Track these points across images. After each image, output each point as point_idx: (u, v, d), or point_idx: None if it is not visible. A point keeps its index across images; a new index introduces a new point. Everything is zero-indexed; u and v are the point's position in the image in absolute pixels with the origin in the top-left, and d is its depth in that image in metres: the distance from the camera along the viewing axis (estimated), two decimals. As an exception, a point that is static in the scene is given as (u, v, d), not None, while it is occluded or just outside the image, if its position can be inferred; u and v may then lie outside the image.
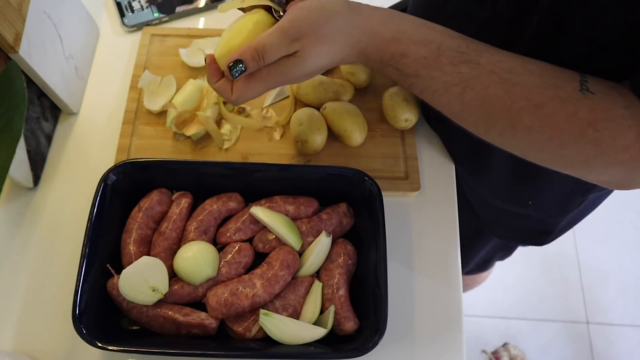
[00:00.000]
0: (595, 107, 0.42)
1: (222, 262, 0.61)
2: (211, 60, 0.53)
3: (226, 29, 0.53)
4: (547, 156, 0.46)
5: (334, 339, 0.59)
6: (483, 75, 0.45)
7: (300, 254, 0.63)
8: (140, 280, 0.56)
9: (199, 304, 0.60)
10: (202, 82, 0.74)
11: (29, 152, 0.67)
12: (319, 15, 0.47)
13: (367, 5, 0.50)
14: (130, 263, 0.59)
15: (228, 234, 0.63)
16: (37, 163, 0.70)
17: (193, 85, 0.73)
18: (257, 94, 0.51)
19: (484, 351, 1.53)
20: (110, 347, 0.53)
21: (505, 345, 1.53)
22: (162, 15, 0.84)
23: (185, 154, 0.71)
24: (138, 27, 0.82)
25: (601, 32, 0.44)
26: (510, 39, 0.52)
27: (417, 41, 0.47)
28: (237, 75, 0.49)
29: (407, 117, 0.70)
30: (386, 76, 0.51)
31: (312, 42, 0.47)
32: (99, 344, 0.53)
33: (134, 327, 0.60)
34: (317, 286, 0.60)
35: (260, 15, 0.53)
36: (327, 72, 0.77)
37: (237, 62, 0.48)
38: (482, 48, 0.47)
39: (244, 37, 0.52)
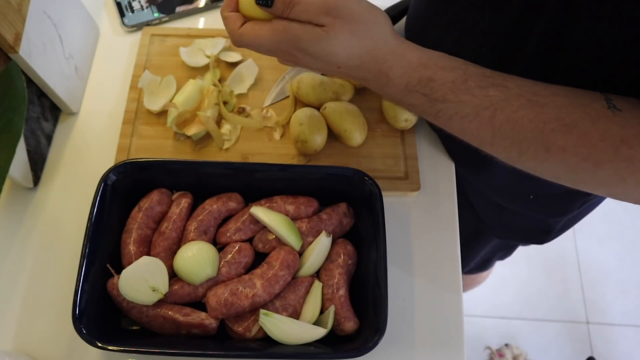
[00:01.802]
0: (626, 124, 0.42)
1: (222, 262, 0.61)
2: None
3: None
4: (582, 177, 0.45)
5: (334, 339, 0.59)
6: (512, 98, 0.45)
7: (300, 254, 0.63)
8: (140, 280, 0.56)
9: (199, 304, 0.60)
10: (203, 82, 0.74)
11: (29, 152, 0.67)
12: (366, 13, 0.46)
13: (399, 36, 0.49)
14: (130, 263, 0.59)
15: (228, 234, 0.63)
16: (37, 163, 0.70)
17: (193, 85, 0.73)
18: (261, 42, 0.48)
19: (488, 347, 1.53)
20: (110, 347, 0.53)
21: (507, 345, 1.53)
22: (162, 15, 0.84)
23: (185, 154, 0.71)
24: (138, 27, 0.82)
25: (604, 44, 0.44)
26: (512, 49, 0.52)
27: (443, 67, 0.47)
28: (260, 2, 0.47)
29: (407, 117, 0.70)
30: (407, 107, 0.50)
31: (342, 27, 0.45)
32: (99, 344, 0.53)
33: (134, 327, 0.60)
34: (317, 286, 0.60)
35: None
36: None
37: None
38: (506, 75, 0.46)
39: None
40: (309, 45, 0.46)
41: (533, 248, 1.33)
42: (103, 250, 0.59)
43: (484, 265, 1.11)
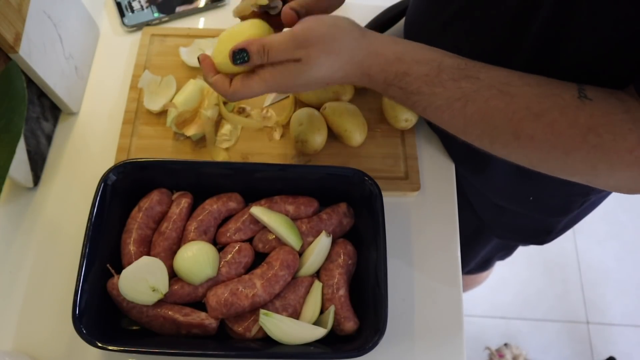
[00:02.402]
0: (595, 113, 0.43)
1: (222, 262, 0.61)
2: (204, 57, 0.53)
3: (224, 31, 0.54)
4: (553, 164, 0.47)
5: (334, 339, 0.59)
6: (483, 89, 0.47)
7: (300, 254, 0.63)
8: (140, 280, 0.56)
9: (199, 304, 0.60)
10: (203, 82, 0.74)
11: (29, 152, 0.67)
12: (331, 29, 0.49)
13: (371, 31, 0.51)
14: (130, 263, 0.59)
15: (228, 234, 0.63)
16: (37, 163, 0.70)
17: (194, 85, 0.73)
18: (254, 92, 0.51)
19: (487, 348, 1.53)
20: (110, 347, 0.53)
21: (506, 345, 1.54)
22: (162, 15, 0.84)
23: (185, 154, 0.71)
24: (138, 27, 0.82)
25: (603, 39, 0.45)
26: (511, 45, 0.52)
27: (418, 60, 0.49)
28: (238, 62, 0.49)
29: (407, 117, 0.70)
30: (390, 98, 0.53)
31: (318, 52, 0.48)
32: (99, 344, 0.53)
33: (134, 327, 0.60)
34: (317, 286, 0.60)
35: (260, 22, 0.54)
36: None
37: (242, 50, 0.49)
38: (480, 65, 0.48)
39: (247, 34, 0.52)
40: (297, 80, 0.49)
41: (533, 248, 1.33)
42: (103, 250, 0.59)
43: (484, 265, 1.11)
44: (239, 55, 0.49)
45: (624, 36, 0.43)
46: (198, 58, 0.54)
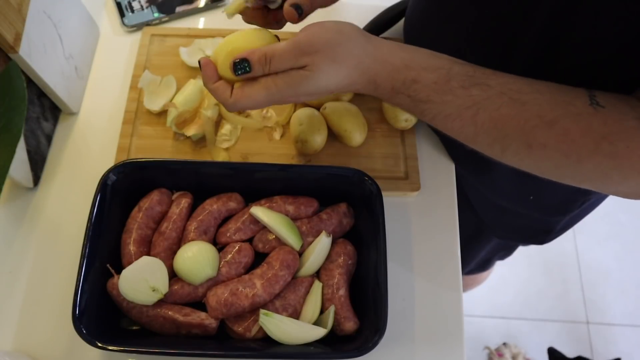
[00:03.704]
0: (608, 120, 0.42)
1: (222, 262, 0.61)
2: (207, 62, 0.51)
3: (226, 37, 0.52)
4: (565, 172, 0.46)
5: (334, 339, 0.59)
6: (494, 96, 0.45)
7: (300, 254, 0.63)
8: (140, 280, 0.56)
9: (199, 304, 0.60)
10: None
11: (29, 152, 0.67)
12: (335, 36, 0.47)
13: (376, 37, 0.50)
14: (130, 263, 0.59)
15: (228, 234, 0.63)
16: (37, 163, 0.70)
17: (194, 86, 0.73)
18: (256, 102, 0.49)
19: (487, 347, 1.53)
20: (110, 347, 0.53)
21: (505, 344, 1.54)
22: (162, 15, 0.84)
23: (185, 154, 0.71)
24: (138, 27, 0.82)
25: (602, 43, 0.45)
26: (510, 47, 0.52)
27: (427, 67, 0.47)
28: (239, 73, 0.48)
29: (407, 117, 0.70)
30: (396, 106, 0.51)
31: (323, 59, 0.47)
32: (99, 344, 0.53)
33: (134, 327, 0.60)
34: (317, 286, 0.60)
35: (264, 31, 0.52)
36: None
37: (243, 60, 0.48)
38: (489, 72, 0.47)
39: (248, 42, 0.50)
40: (300, 88, 0.48)
41: (533, 248, 1.33)
42: (103, 250, 0.59)
43: (484, 265, 1.11)
44: (240, 65, 0.48)
45: (624, 41, 0.43)
46: (199, 62, 0.52)
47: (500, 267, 1.43)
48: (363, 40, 0.49)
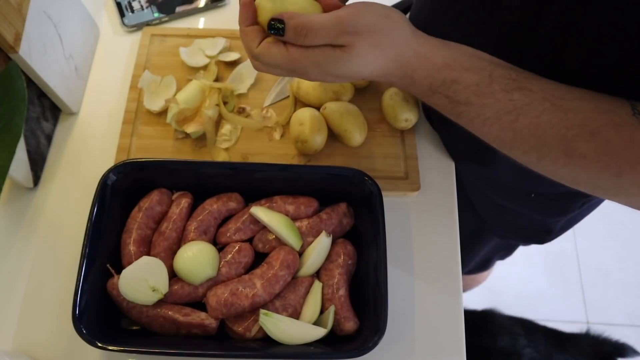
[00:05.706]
0: None
1: (222, 262, 0.61)
2: (248, 2, 0.47)
3: None
4: (601, 184, 0.44)
5: (334, 339, 0.59)
6: (536, 102, 0.44)
7: (300, 254, 0.63)
8: (140, 280, 0.56)
9: (199, 304, 0.60)
10: (204, 82, 0.74)
11: (29, 152, 0.67)
12: (381, 20, 0.45)
13: (421, 31, 0.48)
14: (130, 263, 0.59)
15: (228, 234, 0.63)
16: (37, 163, 0.70)
17: (195, 85, 0.73)
18: (278, 67, 0.46)
19: None
20: (110, 347, 0.53)
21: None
22: (162, 15, 0.84)
23: (185, 154, 0.71)
24: (138, 27, 0.82)
25: (612, 40, 0.44)
26: (518, 47, 0.51)
27: (468, 68, 0.45)
28: (270, 31, 0.45)
29: (407, 117, 0.70)
30: (432, 106, 0.49)
31: (363, 42, 0.44)
32: (99, 344, 0.53)
33: (134, 327, 0.60)
34: (317, 286, 0.60)
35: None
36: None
37: (280, 21, 0.45)
38: (531, 76, 0.45)
39: (296, 3, 0.47)
40: (331, 69, 0.45)
41: (533, 248, 1.32)
42: (103, 250, 0.59)
43: (484, 265, 1.11)
44: (275, 24, 0.45)
45: (633, 45, 0.42)
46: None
47: (500, 267, 1.43)
48: (408, 31, 0.46)
